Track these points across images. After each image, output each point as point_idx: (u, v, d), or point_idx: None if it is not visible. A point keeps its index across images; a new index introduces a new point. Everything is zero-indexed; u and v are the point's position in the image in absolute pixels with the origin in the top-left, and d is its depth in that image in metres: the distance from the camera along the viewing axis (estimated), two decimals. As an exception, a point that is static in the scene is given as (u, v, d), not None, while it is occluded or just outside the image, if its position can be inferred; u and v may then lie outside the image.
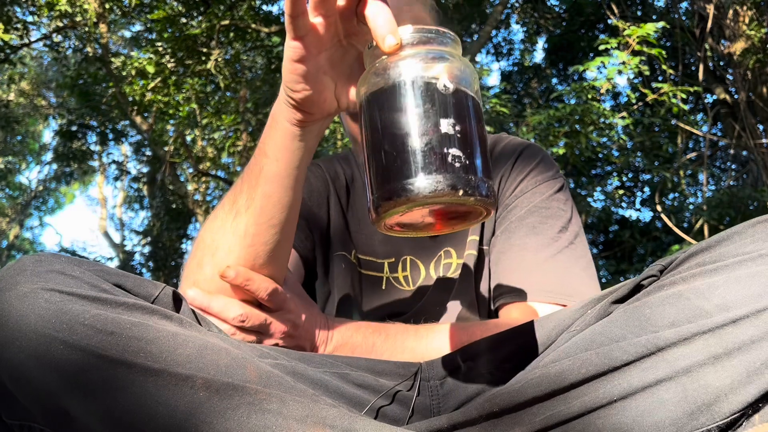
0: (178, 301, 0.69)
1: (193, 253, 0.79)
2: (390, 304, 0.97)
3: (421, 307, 0.96)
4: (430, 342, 0.83)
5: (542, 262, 0.89)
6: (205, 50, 6.29)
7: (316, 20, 0.61)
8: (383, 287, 1.00)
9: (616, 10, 6.44)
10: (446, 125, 0.52)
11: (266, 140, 0.72)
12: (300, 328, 0.80)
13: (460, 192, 0.51)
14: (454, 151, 0.52)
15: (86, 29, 6.83)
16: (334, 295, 1.01)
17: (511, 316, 0.88)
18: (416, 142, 0.52)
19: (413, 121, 0.52)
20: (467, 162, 0.52)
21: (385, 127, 0.53)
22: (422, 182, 0.50)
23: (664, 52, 4.75)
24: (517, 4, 8.09)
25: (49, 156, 13.82)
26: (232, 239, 0.74)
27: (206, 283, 0.76)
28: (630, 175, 7.71)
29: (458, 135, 0.52)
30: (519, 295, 0.89)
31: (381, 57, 0.57)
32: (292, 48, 0.63)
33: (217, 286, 0.76)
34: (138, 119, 7.28)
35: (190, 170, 8.58)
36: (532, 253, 0.90)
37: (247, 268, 0.75)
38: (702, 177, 7.21)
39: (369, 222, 1.03)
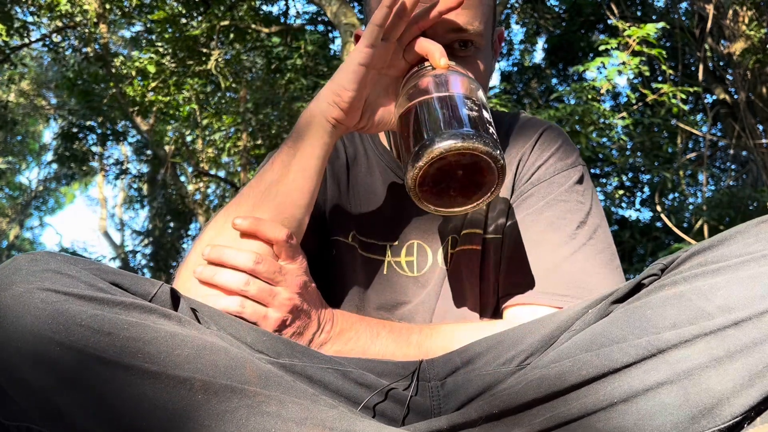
0: (176, 299, 0.68)
1: (195, 248, 0.79)
2: (391, 290, 0.94)
3: (425, 297, 0.93)
4: (435, 339, 0.82)
5: (559, 262, 0.86)
6: (205, 51, 6.29)
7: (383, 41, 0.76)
8: (384, 272, 0.96)
9: (615, 11, 6.43)
10: (464, 103, 0.71)
11: (297, 131, 0.81)
12: (309, 289, 0.79)
13: (474, 142, 0.65)
14: (471, 114, 0.69)
15: (86, 30, 6.82)
16: (330, 280, 0.97)
17: (518, 316, 0.86)
18: (440, 115, 0.69)
19: (439, 104, 0.71)
20: (479, 125, 0.68)
21: (419, 115, 0.71)
22: (441, 139, 0.66)
23: (664, 53, 4.74)
24: (517, 4, 8.08)
25: (49, 156, 13.83)
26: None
27: None
28: (630, 175, 7.70)
29: (473, 111, 0.70)
30: (530, 296, 0.86)
31: (412, 83, 0.76)
32: (364, 53, 0.75)
33: None
34: (138, 119, 7.27)
35: (191, 170, 8.57)
36: (549, 252, 0.87)
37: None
38: (702, 177, 7.21)
39: (372, 201, 0.99)
